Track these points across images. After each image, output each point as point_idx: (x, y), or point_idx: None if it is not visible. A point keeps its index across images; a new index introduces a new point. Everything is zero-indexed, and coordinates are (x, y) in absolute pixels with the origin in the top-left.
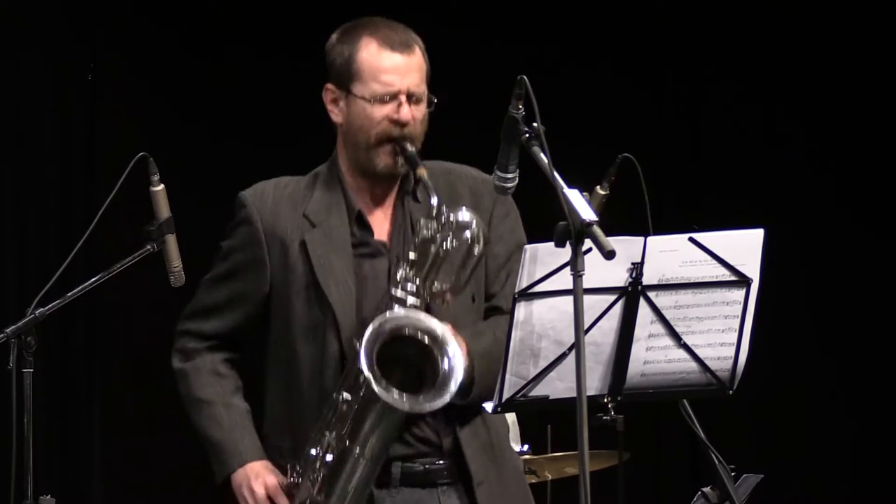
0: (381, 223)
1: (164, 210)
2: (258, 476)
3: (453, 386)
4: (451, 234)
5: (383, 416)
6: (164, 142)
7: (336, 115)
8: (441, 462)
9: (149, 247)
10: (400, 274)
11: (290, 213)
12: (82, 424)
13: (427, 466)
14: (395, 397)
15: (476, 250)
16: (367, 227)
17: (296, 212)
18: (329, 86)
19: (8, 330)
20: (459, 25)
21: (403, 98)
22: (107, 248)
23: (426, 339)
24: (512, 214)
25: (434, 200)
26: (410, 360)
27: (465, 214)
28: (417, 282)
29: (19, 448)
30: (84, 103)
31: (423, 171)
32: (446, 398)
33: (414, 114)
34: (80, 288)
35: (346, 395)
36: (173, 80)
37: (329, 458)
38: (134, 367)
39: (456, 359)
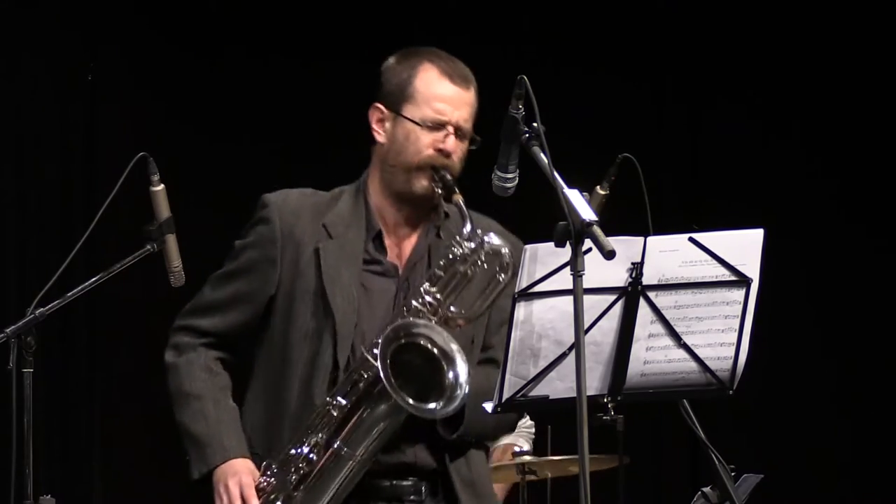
0: (398, 247)
1: (164, 210)
2: (235, 474)
3: (458, 398)
4: (482, 256)
5: (385, 418)
6: (164, 142)
7: (380, 135)
8: (411, 479)
9: (149, 247)
10: (424, 287)
11: (311, 219)
12: (82, 424)
13: (394, 482)
14: (408, 400)
15: (502, 278)
16: (382, 247)
17: (316, 220)
18: (378, 105)
19: (8, 330)
20: (462, 31)
21: (451, 129)
22: (107, 248)
23: (436, 352)
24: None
25: (468, 226)
26: (415, 370)
27: (498, 240)
28: (438, 296)
29: (19, 448)
30: (84, 103)
31: (459, 197)
32: (456, 405)
33: (457, 147)
34: (80, 288)
35: (340, 401)
36: (173, 80)
37: (313, 456)
38: (134, 367)
39: (462, 373)
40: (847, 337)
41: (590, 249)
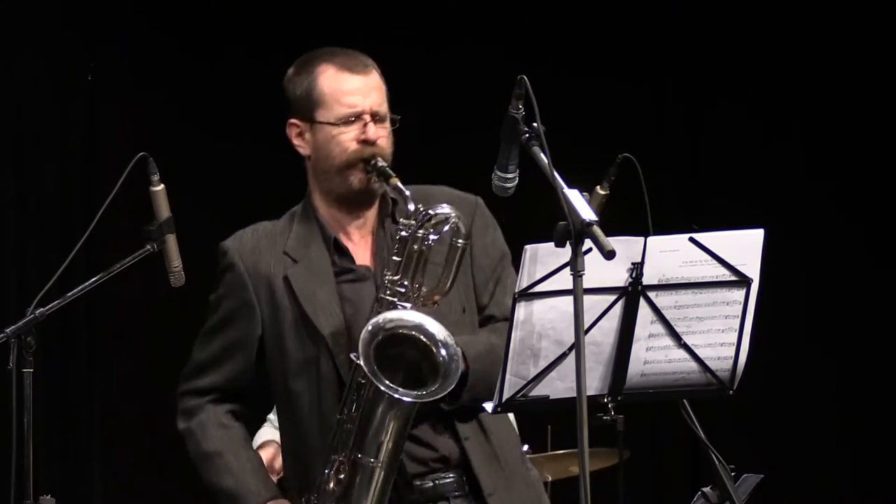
0: (362, 248)
1: (164, 210)
2: None
3: (455, 371)
4: (431, 229)
5: (389, 414)
6: (164, 142)
7: (304, 147)
8: (452, 475)
9: (149, 247)
10: (388, 278)
11: (271, 250)
12: (82, 424)
13: (436, 482)
14: (399, 389)
15: (459, 243)
16: (346, 254)
17: (276, 249)
18: (292, 120)
19: (8, 330)
20: (462, 31)
21: (368, 118)
22: (107, 248)
23: (420, 336)
24: (491, 226)
25: (411, 206)
26: (409, 362)
27: (443, 208)
28: (405, 282)
29: (19, 448)
30: (84, 103)
31: (395, 180)
32: (452, 383)
33: (379, 132)
34: (80, 288)
35: (350, 413)
36: (173, 80)
37: (342, 476)
38: (134, 367)
39: (451, 347)
40: (847, 337)
41: (590, 249)
